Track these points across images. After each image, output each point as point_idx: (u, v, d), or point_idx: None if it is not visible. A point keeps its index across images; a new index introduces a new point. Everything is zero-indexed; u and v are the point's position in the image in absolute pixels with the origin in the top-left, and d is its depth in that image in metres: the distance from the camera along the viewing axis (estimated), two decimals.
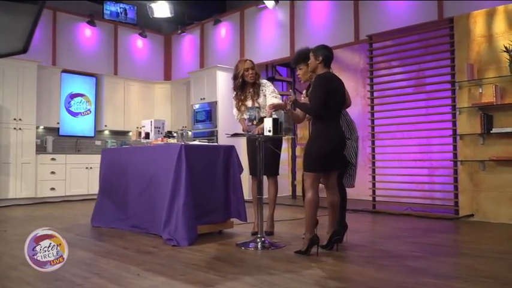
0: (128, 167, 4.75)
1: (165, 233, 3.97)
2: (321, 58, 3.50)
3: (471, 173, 5.13)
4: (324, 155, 3.38)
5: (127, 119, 9.14)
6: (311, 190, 3.36)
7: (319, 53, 3.52)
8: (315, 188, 3.38)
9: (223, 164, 4.36)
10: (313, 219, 3.38)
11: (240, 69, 4.31)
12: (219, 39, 8.93)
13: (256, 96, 4.30)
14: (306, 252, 3.32)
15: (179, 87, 9.43)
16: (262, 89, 4.35)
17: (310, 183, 3.38)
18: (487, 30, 5.03)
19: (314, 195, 3.35)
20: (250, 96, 4.33)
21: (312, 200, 3.36)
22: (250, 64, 4.32)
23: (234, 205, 4.42)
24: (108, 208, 4.94)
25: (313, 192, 3.35)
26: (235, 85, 4.39)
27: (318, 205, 3.38)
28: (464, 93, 5.19)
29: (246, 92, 4.36)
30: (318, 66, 3.53)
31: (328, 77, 3.48)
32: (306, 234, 3.40)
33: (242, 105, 4.36)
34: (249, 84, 4.35)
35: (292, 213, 5.87)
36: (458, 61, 5.25)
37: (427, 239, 4.05)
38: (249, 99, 4.34)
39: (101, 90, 8.89)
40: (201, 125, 8.32)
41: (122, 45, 9.46)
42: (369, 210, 6.02)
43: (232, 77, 4.41)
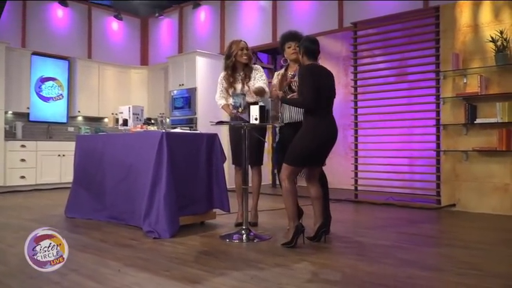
0: (104, 155, 4.53)
1: (146, 225, 3.80)
2: (302, 51, 3.46)
3: (454, 163, 5.12)
4: (309, 153, 3.33)
5: (102, 104, 8.81)
6: (286, 180, 3.33)
7: (301, 46, 3.49)
8: (291, 179, 3.34)
9: (206, 153, 4.20)
10: (294, 209, 3.32)
11: (233, 48, 4.17)
12: (199, 23, 8.68)
13: (247, 79, 4.16)
14: (291, 243, 3.23)
15: (156, 73, 9.15)
16: (255, 74, 4.21)
17: (287, 175, 3.34)
18: (473, 20, 4.99)
19: (290, 184, 3.32)
20: (240, 79, 4.18)
21: (288, 190, 3.32)
22: (245, 45, 4.21)
23: (217, 195, 4.28)
24: (84, 198, 4.73)
25: (289, 182, 3.33)
26: (226, 64, 4.22)
27: (295, 194, 3.35)
28: (448, 83, 5.16)
29: (236, 74, 4.22)
30: (302, 58, 3.47)
31: (312, 68, 3.37)
32: (290, 224, 3.32)
33: (231, 87, 4.19)
34: (241, 66, 4.21)
35: (273, 203, 5.78)
36: (443, 51, 5.21)
37: (412, 229, 4.01)
38: (239, 82, 4.19)
39: (74, 74, 8.52)
40: (180, 112, 8.10)
41: (96, 27, 9.08)
42: (351, 200, 5.98)
43: (225, 57, 4.26)
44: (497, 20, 4.81)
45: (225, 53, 4.29)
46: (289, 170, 3.34)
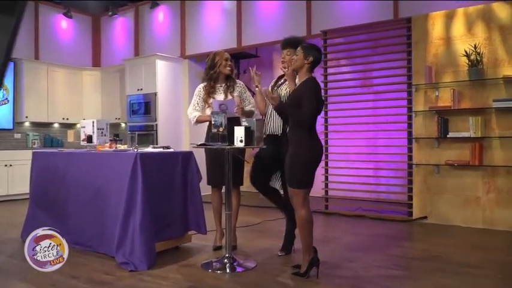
0: (67, 175, 4.13)
1: (119, 255, 3.49)
2: (311, 59, 3.15)
3: (425, 175, 5.16)
4: (313, 166, 3.14)
5: (51, 109, 8.21)
6: (303, 209, 3.09)
7: (311, 52, 3.15)
8: (308, 204, 3.13)
9: (182, 172, 3.93)
10: (311, 240, 3.14)
11: (217, 59, 4.01)
12: (157, 24, 8.26)
13: (231, 90, 4.01)
14: (305, 275, 3.09)
15: (110, 75, 8.63)
16: (240, 88, 4.09)
17: (301, 201, 3.10)
18: (446, 32, 5.02)
19: (306, 212, 3.10)
20: (222, 90, 4.00)
21: (304, 219, 3.10)
22: (228, 56, 4.08)
23: (193, 216, 4.03)
24: (43, 221, 4.27)
25: (306, 209, 3.10)
26: (209, 75, 4.03)
27: (312, 222, 3.14)
28: (420, 95, 5.18)
29: (217, 85, 4.05)
30: (304, 67, 3.17)
31: (318, 83, 3.20)
32: (305, 255, 3.13)
33: (209, 97, 3.97)
34: (223, 77, 4.04)
35: (242, 217, 5.55)
36: (415, 63, 5.22)
37: (395, 250, 3.95)
38: (220, 93, 3.99)
39: (20, 76, 7.86)
40: (138, 118, 7.68)
41: (44, 25, 8.42)
42: (322, 211, 5.90)
43: (207, 67, 4.07)
44: (470, 34, 4.87)
45: (207, 64, 4.11)
46: (301, 194, 3.10)
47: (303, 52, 3.15)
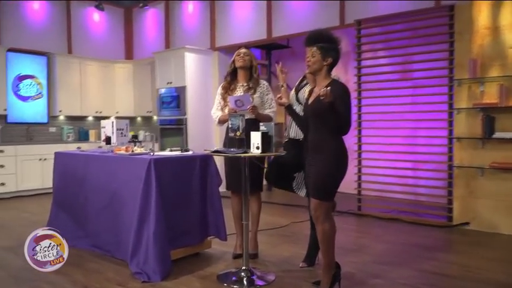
0: (86, 177, 4.06)
1: (133, 265, 3.36)
2: (330, 60, 2.84)
3: (468, 178, 4.73)
4: (342, 178, 2.87)
5: (84, 103, 8.25)
6: (326, 222, 2.84)
7: (330, 53, 2.82)
8: (330, 216, 2.89)
9: (200, 176, 3.75)
10: (333, 256, 2.91)
11: (234, 56, 3.84)
12: (187, 15, 8.07)
13: (252, 91, 3.74)
14: None
15: (142, 68, 8.56)
16: (262, 89, 3.81)
17: (326, 214, 2.84)
18: (493, 21, 4.52)
19: (330, 224, 2.86)
20: (242, 90, 3.76)
21: (327, 234, 2.84)
22: (245, 50, 3.83)
23: (212, 222, 3.86)
24: (64, 222, 4.26)
25: (329, 222, 2.86)
26: (227, 72, 3.88)
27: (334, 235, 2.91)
28: (463, 91, 4.72)
29: (238, 83, 3.83)
30: (323, 69, 2.87)
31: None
32: (327, 273, 2.91)
33: (229, 95, 3.75)
34: (243, 74, 3.81)
35: (269, 217, 5.34)
36: (457, 55, 4.75)
37: (428, 264, 3.60)
38: (240, 93, 3.74)
39: (53, 71, 7.92)
40: (168, 112, 7.57)
41: (76, 19, 8.42)
42: (354, 213, 5.59)
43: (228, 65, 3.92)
44: None
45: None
46: (326, 206, 2.84)
47: (320, 53, 2.83)
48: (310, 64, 2.88)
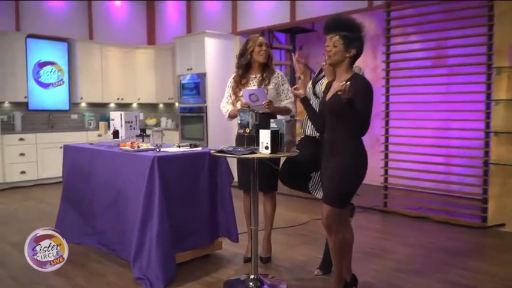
0: (93, 173, 3.89)
1: (135, 269, 3.18)
2: (353, 52, 2.51)
3: (505, 176, 4.30)
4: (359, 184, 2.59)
5: (106, 89, 8.13)
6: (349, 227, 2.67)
7: (354, 44, 2.49)
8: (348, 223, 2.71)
9: (209, 174, 3.51)
10: (349, 264, 2.75)
11: (250, 45, 3.45)
12: None
13: (266, 81, 3.44)
14: None
15: (164, 53, 8.34)
16: (277, 80, 3.50)
17: (341, 221, 2.61)
18: None
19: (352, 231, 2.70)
20: (256, 82, 3.46)
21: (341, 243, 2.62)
22: (264, 40, 3.48)
23: (223, 222, 3.64)
24: (72, 218, 4.13)
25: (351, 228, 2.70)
26: (240, 63, 3.52)
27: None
28: (502, 80, 4.26)
29: (250, 75, 3.51)
30: (345, 61, 2.54)
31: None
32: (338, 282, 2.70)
33: (240, 89, 3.46)
34: (257, 66, 3.49)
35: (289, 212, 5.07)
36: (497, 40, 4.28)
37: (456, 274, 3.25)
38: (254, 85, 3.45)
39: (74, 57, 7.80)
40: (189, 99, 7.36)
41: (96, 4, 8.25)
42: (379, 209, 5.25)
43: (238, 55, 3.55)
44: None
45: (239, 51, 3.55)
46: (339, 214, 2.58)
47: (344, 43, 2.49)
48: (330, 55, 2.55)
